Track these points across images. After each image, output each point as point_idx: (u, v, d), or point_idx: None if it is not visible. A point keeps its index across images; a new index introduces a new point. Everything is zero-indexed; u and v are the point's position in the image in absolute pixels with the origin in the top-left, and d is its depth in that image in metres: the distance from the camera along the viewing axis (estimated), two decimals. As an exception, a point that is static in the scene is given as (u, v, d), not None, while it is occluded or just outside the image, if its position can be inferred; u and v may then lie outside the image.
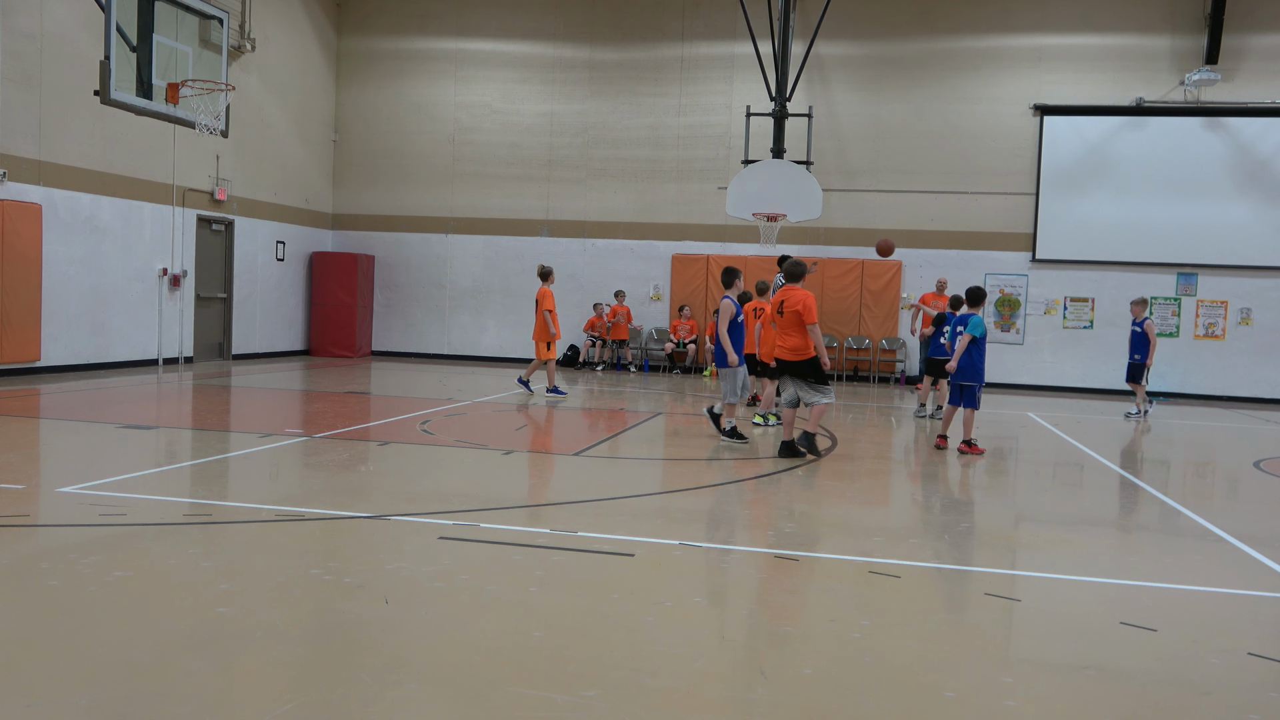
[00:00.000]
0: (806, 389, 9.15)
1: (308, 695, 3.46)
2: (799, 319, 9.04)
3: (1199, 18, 18.14)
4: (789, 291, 9.18)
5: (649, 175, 20.15)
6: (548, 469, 8.41)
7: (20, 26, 13.58)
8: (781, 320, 9.14)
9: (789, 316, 9.07)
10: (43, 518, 5.93)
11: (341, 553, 5.40)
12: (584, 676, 3.70)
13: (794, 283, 9.29)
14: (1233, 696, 3.82)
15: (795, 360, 9.14)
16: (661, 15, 20.00)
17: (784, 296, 9.16)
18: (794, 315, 9.04)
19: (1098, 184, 18.67)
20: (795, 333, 9.08)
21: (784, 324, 9.13)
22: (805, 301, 9.04)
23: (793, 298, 9.09)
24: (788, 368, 9.17)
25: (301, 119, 20.13)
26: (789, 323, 9.09)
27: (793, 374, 9.16)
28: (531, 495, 7.46)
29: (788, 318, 9.08)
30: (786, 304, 9.10)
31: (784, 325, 9.14)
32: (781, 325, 9.16)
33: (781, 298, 9.19)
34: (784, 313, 9.11)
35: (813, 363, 9.10)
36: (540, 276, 14.05)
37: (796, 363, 9.13)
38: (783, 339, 9.17)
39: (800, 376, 9.12)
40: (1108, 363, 18.70)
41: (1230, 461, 11.12)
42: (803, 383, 9.14)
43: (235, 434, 9.74)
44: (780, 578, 5.22)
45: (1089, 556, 6.07)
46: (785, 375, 9.25)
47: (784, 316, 9.10)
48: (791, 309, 9.06)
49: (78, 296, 14.72)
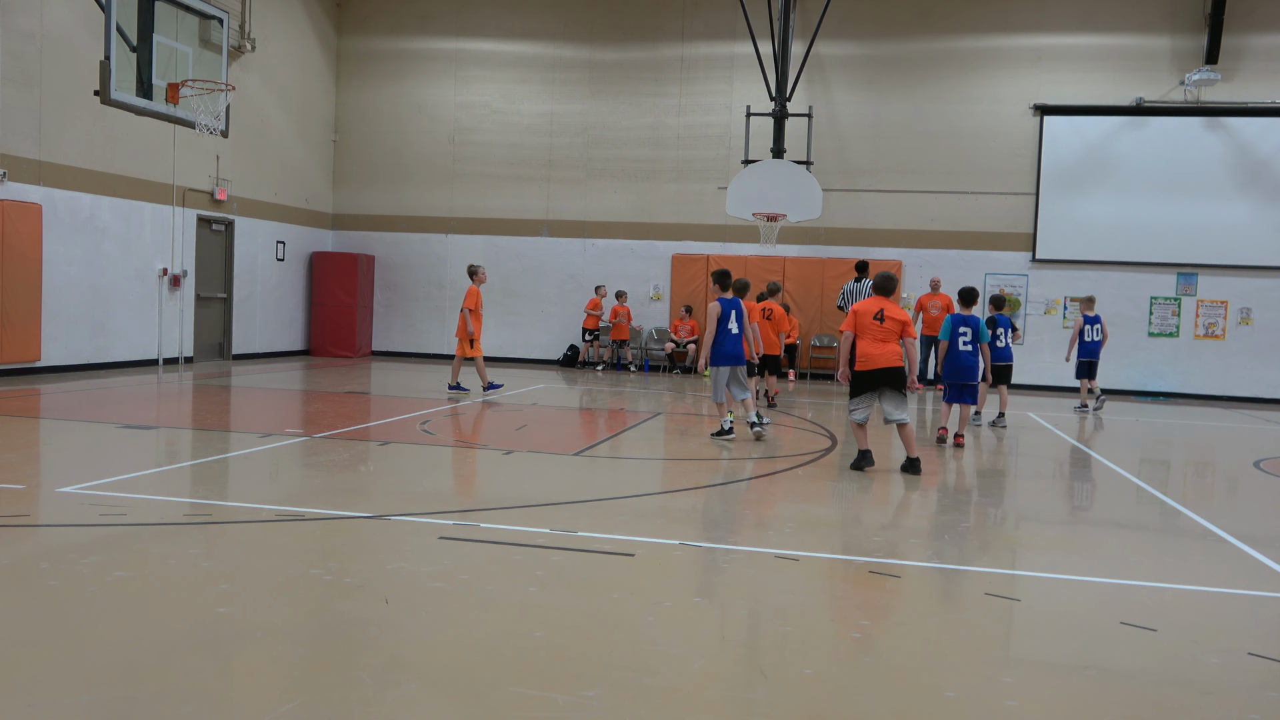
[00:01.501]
0: (899, 400, 8.79)
1: (308, 695, 3.46)
2: (901, 330, 8.80)
3: (1199, 18, 18.14)
4: (882, 302, 8.87)
5: (649, 175, 20.15)
6: (548, 469, 8.41)
7: (20, 26, 13.58)
8: (880, 328, 8.79)
9: (890, 325, 8.77)
10: (43, 518, 5.93)
11: (341, 553, 5.40)
12: (584, 676, 3.70)
13: (885, 295, 9.04)
14: (1233, 696, 3.82)
15: (894, 368, 8.76)
16: (661, 15, 20.00)
17: (881, 306, 8.84)
18: (896, 325, 8.78)
19: (1098, 184, 18.67)
20: (893, 341, 8.80)
21: (884, 332, 8.78)
22: (904, 315, 8.89)
23: (893, 309, 8.82)
24: (886, 377, 8.79)
25: (301, 119, 20.14)
26: (889, 331, 8.78)
27: (891, 384, 8.79)
28: (531, 495, 7.46)
29: (888, 326, 8.78)
30: (888, 313, 8.79)
31: (884, 334, 8.77)
32: (880, 334, 8.80)
33: (879, 307, 8.84)
34: (884, 320, 8.80)
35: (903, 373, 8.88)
36: (469, 275, 14.03)
37: (894, 370, 8.76)
38: (878, 347, 8.80)
39: (896, 387, 8.79)
40: (1108, 362, 18.65)
41: (1230, 461, 11.12)
42: (897, 394, 8.78)
43: (235, 434, 9.74)
44: (780, 578, 5.22)
45: (1089, 556, 6.07)
46: (883, 386, 8.81)
47: (884, 324, 8.78)
48: (895, 319, 8.78)
49: (78, 296, 14.72)
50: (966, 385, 10.52)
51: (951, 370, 10.53)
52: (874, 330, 8.68)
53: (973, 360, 10.49)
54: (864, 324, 8.72)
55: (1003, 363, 12.44)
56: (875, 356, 8.66)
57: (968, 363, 10.44)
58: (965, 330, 10.52)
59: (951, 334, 10.54)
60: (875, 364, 8.66)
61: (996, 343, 12.36)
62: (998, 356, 12.37)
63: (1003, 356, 12.44)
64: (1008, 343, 12.52)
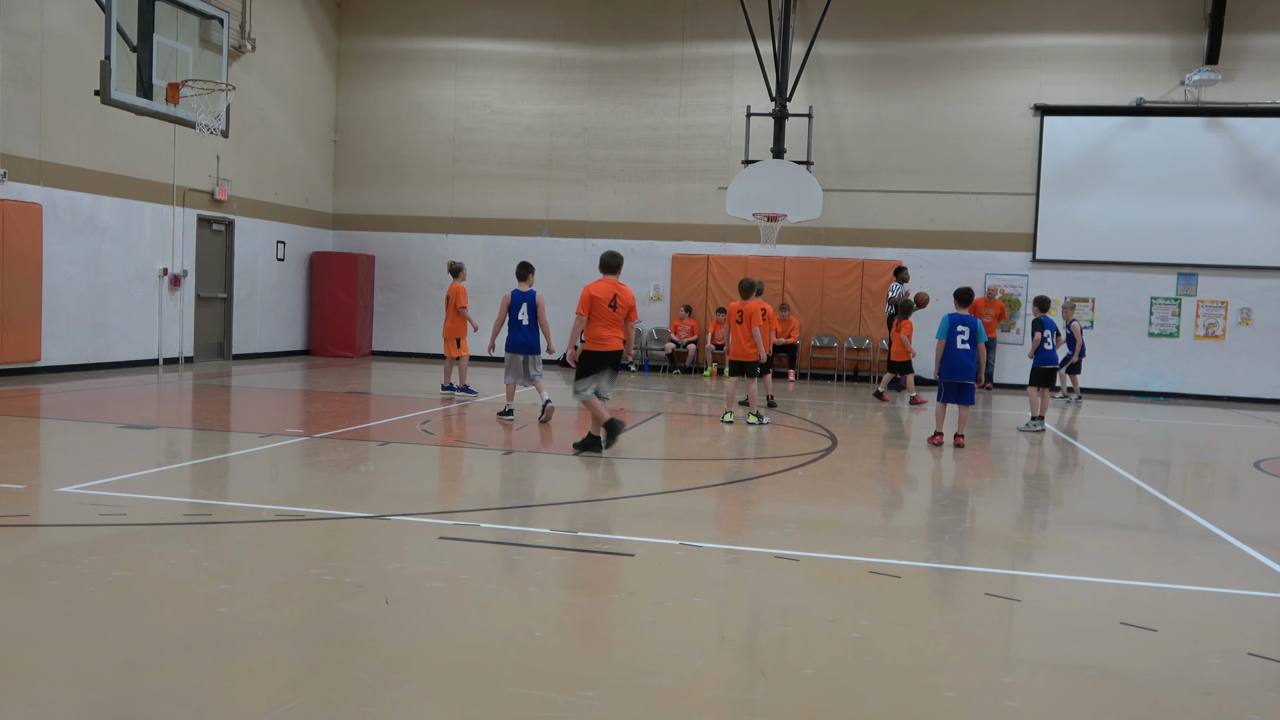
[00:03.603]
0: (615, 379, 9.17)
1: (308, 695, 3.46)
2: (627, 314, 9.04)
3: (1199, 18, 18.14)
4: (616, 287, 9.04)
5: (649, 175, 20.15)
6: (547, 469, 8.41)
7: (20, 26, 13.58)
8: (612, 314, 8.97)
9: (620, 310, 9.00)
10: (43, 518, 5.93)
11: (341, 553, 5.40)
12: (584, 676, 3.70)
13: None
14: (1233, 696, 3.82)
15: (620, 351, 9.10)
16: (661, 15, 20.00)
17: (615, 291, 9.00)
18: (624, 310, 9.00)
19: (1098, 184, 18.67)
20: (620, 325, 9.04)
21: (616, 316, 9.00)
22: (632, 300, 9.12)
23: (626, 295, 9.04)
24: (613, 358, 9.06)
25: (302, 119, 20.14)
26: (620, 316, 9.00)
27: (614, 365, 9.10)
28: (531, 495, 7.46)
29: (620, 310, 9.01)
30: (620, 299, 9.01)
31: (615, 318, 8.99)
32: (613, 318, 8.99)
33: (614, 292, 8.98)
34: (616, 306, 9.00)
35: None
36: (451, 273, 13.73)
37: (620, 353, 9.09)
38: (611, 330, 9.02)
39: (617, 368, 9.14)
40: (1108, 362, 18.70)
41: (1230, 461, 11.12)
42: (615, 374, 9.16)
43: (235, 434, 9.74)
44: (780, 578, 5.22)
45: (1089, 556, 6.07)
46: (608, 366, 9.09)
47: (615, 310, 9.00)
48: (625, 304, 9.01)
49: (78, 296, 14.72)
50: (964, 385, 10.50)
51: (948, 370, 10.47)
52: (607, 315, 8.97)
53: (971, 360, 10.47)
54: (599, 309, 8.97)
55: (1047, 366, 12.40)
56: (608, 339, 8.99)
57: (965, 363, 10.42)
58: (963, 329, 10.46)
59: (949, 333, 10.45)
60: (608, 346, 9.00)
61: (1045, 345, 12.34)
62: (1044, 359, 12.35)
63: (1049, 360, 12.40)
64: (1054, 346, 12.50)
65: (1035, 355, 12.50)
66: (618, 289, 9.04)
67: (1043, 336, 12.34)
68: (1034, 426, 12.20)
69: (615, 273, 9.18)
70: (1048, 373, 12.47)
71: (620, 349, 9.09)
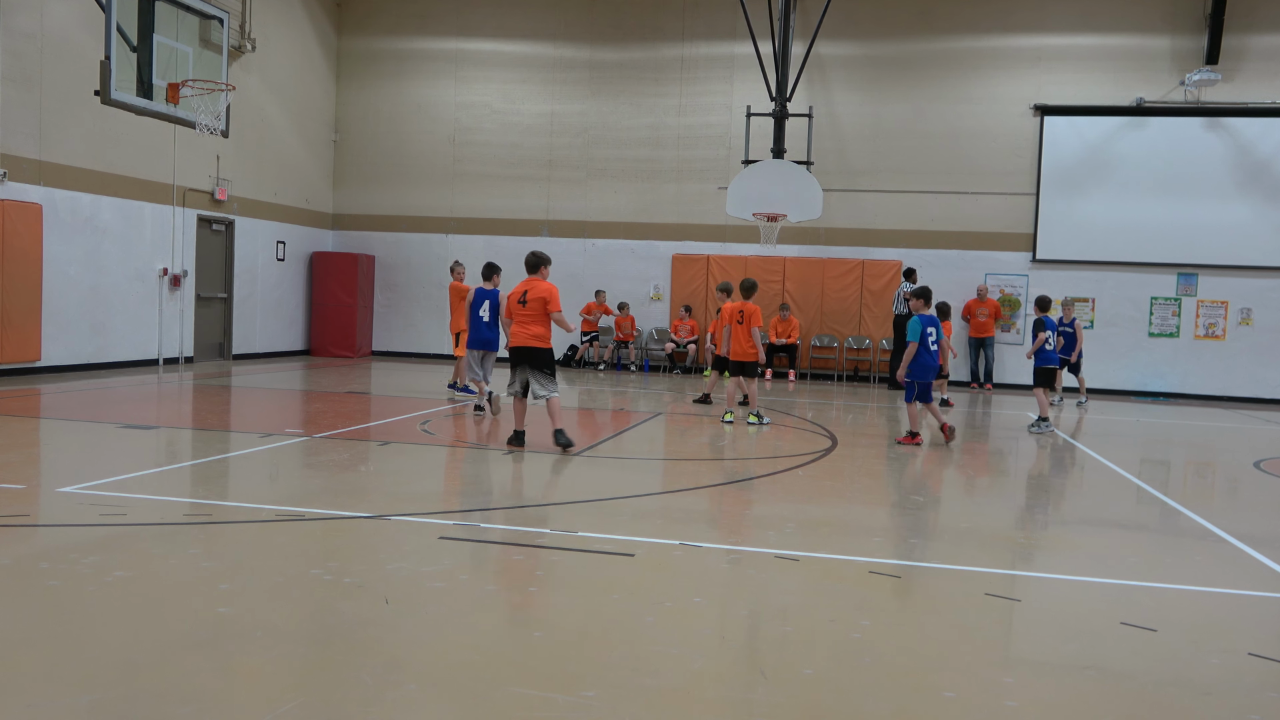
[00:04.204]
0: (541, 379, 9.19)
1: (308, 695, 3.46)
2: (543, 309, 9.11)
3: (1199, 18, 18.14)
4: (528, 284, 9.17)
5: (649, 175, 20.15)
6: (548, 469, 8.41)
7: (20, 26, 13.58)
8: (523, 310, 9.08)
9: (534, 306, 9.09)
10: (43, 518, 5.93)
11: (341, 553, 5.40)
12: (584, 676, 3.70)
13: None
14: (1233, 696, 3.82)
15: (532, 348, 9.14)
16: (661, 15, 20.00)
17: (527, 288, 9.13)
18: (540, 305, 9.08)
19: (1098, 184, 18.67)
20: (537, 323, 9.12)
21: (527, 313, 9.11)
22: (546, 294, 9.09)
23: (538, 290, 9.13)
24: (526, 356, 9.15)
25: (302, 119, 20.14)
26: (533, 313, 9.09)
27: (531, 363, 9.17)
28: (531, 495, 7.46)
29: (532, 307, 9.10)
30: (530, 295, 9.11)
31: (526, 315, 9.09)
32: (522, 316, 9.12)
33: (525, 289, 9.12)
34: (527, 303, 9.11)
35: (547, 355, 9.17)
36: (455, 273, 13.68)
37: (532, 350, 9.15)
38: (520, 328, 9.16)
39: (537, 366, 9.16)
40: (1108, 362, 18.70)
41: (1230, 461, 11.12)
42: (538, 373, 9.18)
43: (235, 434, 9.74)
44: (780, 578, 5.22)
45: (1089, 556, 6.07)
46: (525, 364, 9.19)
47: (526, 306, 9.11)
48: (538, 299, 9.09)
49: (78, 296, 14.72)
50: (928, 384, 10.54)
51: (922, 370, 10.48)
52: (518, 311, 9.13)
53: (935, 360, 10.60)
54: (511, 306, 9.18)
55: (1047, 366, 12.35)
56: (517, 335, 9.14)
57: (934, 363, 10.54)
58: (931, 331, 10.52)
59: (922, 335, 10.45)
60: (516, 341, 9.16)
61: (1047, 345, 12.29)
62: (1044, 360, 12.30)
63: (1049, 360, 12.36)
64: (1054, 347, 12.45)
65: (1036, 355, 12.47)
66: (530, 285, 9.16)
67: (1045, 337, 12.30)
68: (1043, 428, 12.16)
69: (535, 272, 9.28)
70: (1049, 373, 12.47)
71: (534, 345, 9.11)
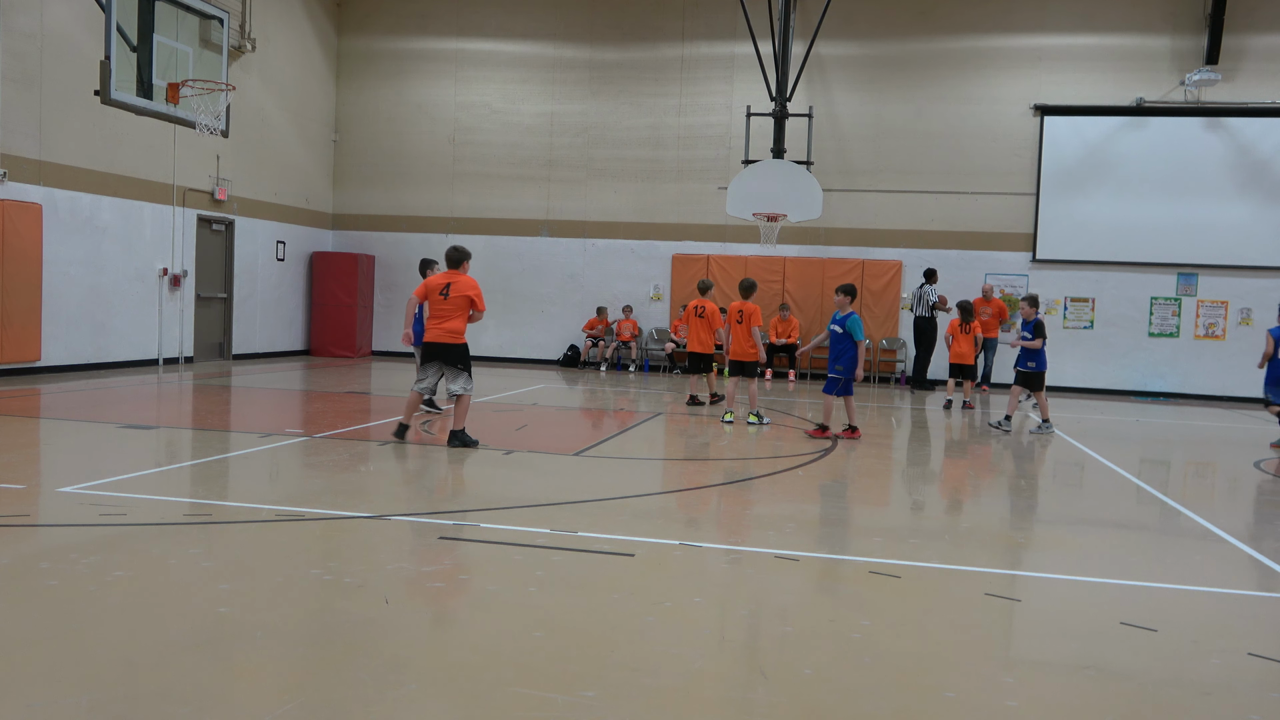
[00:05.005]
0: (453, 374, 9.15)
1: (308, 695, 3.46)
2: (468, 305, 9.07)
3: (1199, 18, 18.14)
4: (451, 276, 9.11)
5: (649, 175, 20.15)
6: (548, 469, 8.41)
7: (20, 26, 13.58)
8: (443, 303, 9.04)
9: (455, 300, 9.03)
10: (43, 518, 5.93)
11: (341, 553, 5.40)
12: (584, 676, 3.70)
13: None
14: (1233, 696, 3.82)
15: (445, 344, 9.08)
16: (661, 15, 20.00)
17: (450, 280, 9.06)
18: (463, 301, 9.01)
19: (1098, 184, 18.67)
20: (456, 318, 9.05)
21: (446, 308, 9.05)
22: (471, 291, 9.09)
23: (461, 285, 9.07)
24: (438, 351, 9.07)
25: (301, 119, 20.14)
26: (453, 307, 9.04)
27: (444, 359, 9.13)
28: (531, 495, 7.46)
29: (453, 301, 9.03)
30: (454, 289, 9.02)
31: (445, 309, 9.04)
32: (441, 309, 9.05)
33: (447, 281, 9.05)
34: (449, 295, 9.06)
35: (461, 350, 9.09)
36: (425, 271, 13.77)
37: (445, 346, 9.08)
38: (435, 322, 9.06)
39: (450, 362, 9.10)
40: (1108, 363, 18.71)
41: (1230, 461, 11.12)
42: (451, 369, 9.13)
43: (235, 434, 9.74)
44: (780, 578, 5.22)
45: (1089, 556, 6.07)
46: (438, 359, 9.13)
47: (448, 300, 9.02)
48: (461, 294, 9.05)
49: (78, 296, 14.72)
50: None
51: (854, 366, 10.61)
52: (438, 304, 9.06)
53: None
54: (431, 296, 9.06)
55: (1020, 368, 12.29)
56: (433, 330, 9.09)
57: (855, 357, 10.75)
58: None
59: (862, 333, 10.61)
60: (430, 336, 9.10)
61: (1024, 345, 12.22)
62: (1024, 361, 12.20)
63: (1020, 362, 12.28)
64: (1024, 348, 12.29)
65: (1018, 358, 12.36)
66: (453, 279, 9.09)
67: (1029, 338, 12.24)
68: (1045, 429, 12.13)
69: (457, 266, 9.24)
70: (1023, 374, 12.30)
71: (449, 342, 9.04)
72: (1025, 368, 12.24)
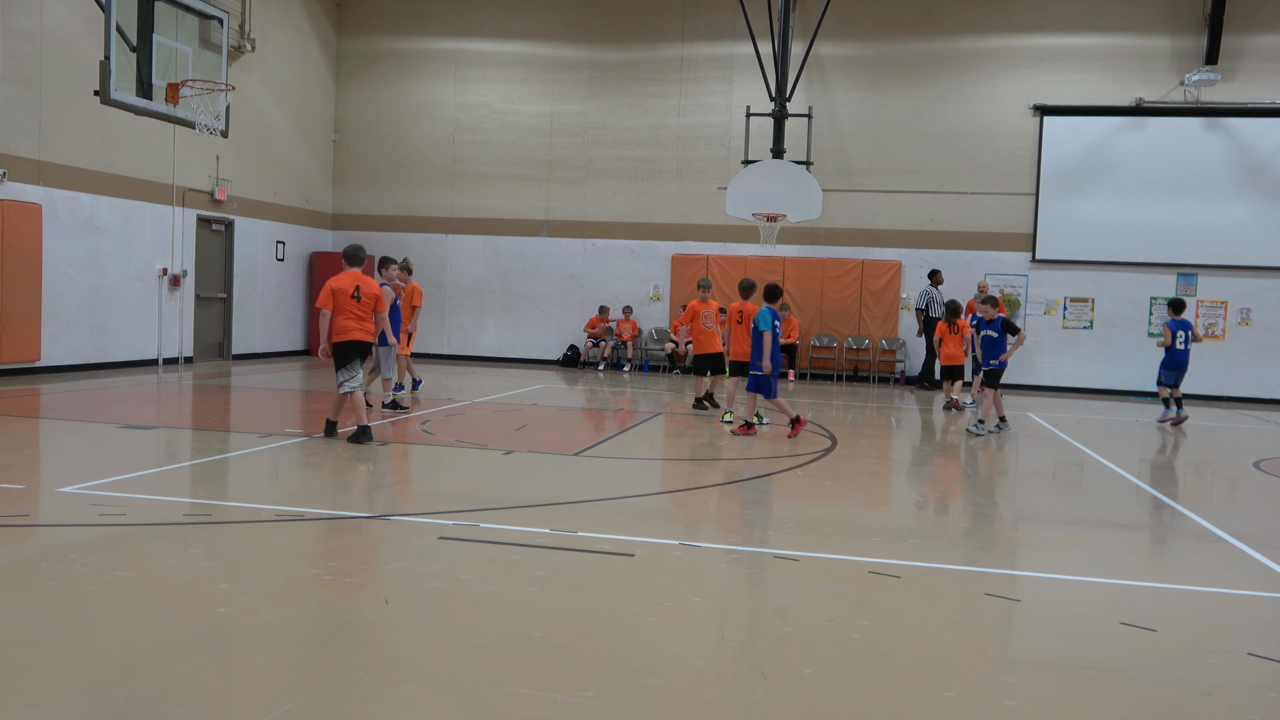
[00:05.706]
0: None
1: (308, 695, 3.46)
2: (374, 305, 9.30)
3: (1199, 18, 18.14)
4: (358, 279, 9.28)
5: (649, 175, 20.15)
6: (548, 469, 8.41)
7: (20, 26, 13.58)
8: (357, 305, 9.21)
9: (366, 302, 9.24)
10: (43, 518, 5.93)
11: (341, 553, 5.40)
12: (584, 676, 3.70)
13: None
14: (1233, 696, 3.82)
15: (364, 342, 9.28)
16: (661, 15, 20.00)
17: (358, 283, 9.24)
18: (371, 301, 9.23)
19: (1098, 184, 18.67)
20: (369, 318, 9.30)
21: (359, 309, 9.23)
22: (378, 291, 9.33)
23: (370, 287, 9.31)
24: (358, 349, 9.26)
25: (301, 119, 20.13)
26: (365, 308, 9.27)
27: (361, 356, 9.29)
28: (531, 495, 7.45)
29: (365, 303, 9.25)
30: (364, 290, 9.24)
31: (359, 310, 9.24)
32: (356, 310, 9.21)
33: (356, 283, 9.22)
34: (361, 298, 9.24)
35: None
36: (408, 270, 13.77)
37: (365, 344, 9.29)
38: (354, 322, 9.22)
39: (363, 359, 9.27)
40: (1108, 363, 18.71)
41: (1230, 461, 11.12)
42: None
43: (235, 434, 9.73)
44: (780, 578, 5.22)
45: (1089, 556, 6.07)
46: (355, 358, 9.26)
47: (360, 302, 9.21)
48: (370, 295, 9.28)
49: (78, 296, 14.72)
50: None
51: (774, 362, 10.61)
52: (350, 306, 9.14)
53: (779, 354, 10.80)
54: (340, 300, 9.14)
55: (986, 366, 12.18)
56: (351, 329, 9.16)
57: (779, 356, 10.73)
58: (778, 324, 10.69)
59: (773, 326, 10.57)
60: (349, 336, 9.17)
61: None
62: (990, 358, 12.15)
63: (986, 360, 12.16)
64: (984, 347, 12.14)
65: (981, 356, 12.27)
66: (360, 280, 9.21)
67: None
68: (1002, 427, 12.05)
69: (358, 265, 9.32)
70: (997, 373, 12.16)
71: (366, 340, 9.23)
72: (990, 365, 12.10)
